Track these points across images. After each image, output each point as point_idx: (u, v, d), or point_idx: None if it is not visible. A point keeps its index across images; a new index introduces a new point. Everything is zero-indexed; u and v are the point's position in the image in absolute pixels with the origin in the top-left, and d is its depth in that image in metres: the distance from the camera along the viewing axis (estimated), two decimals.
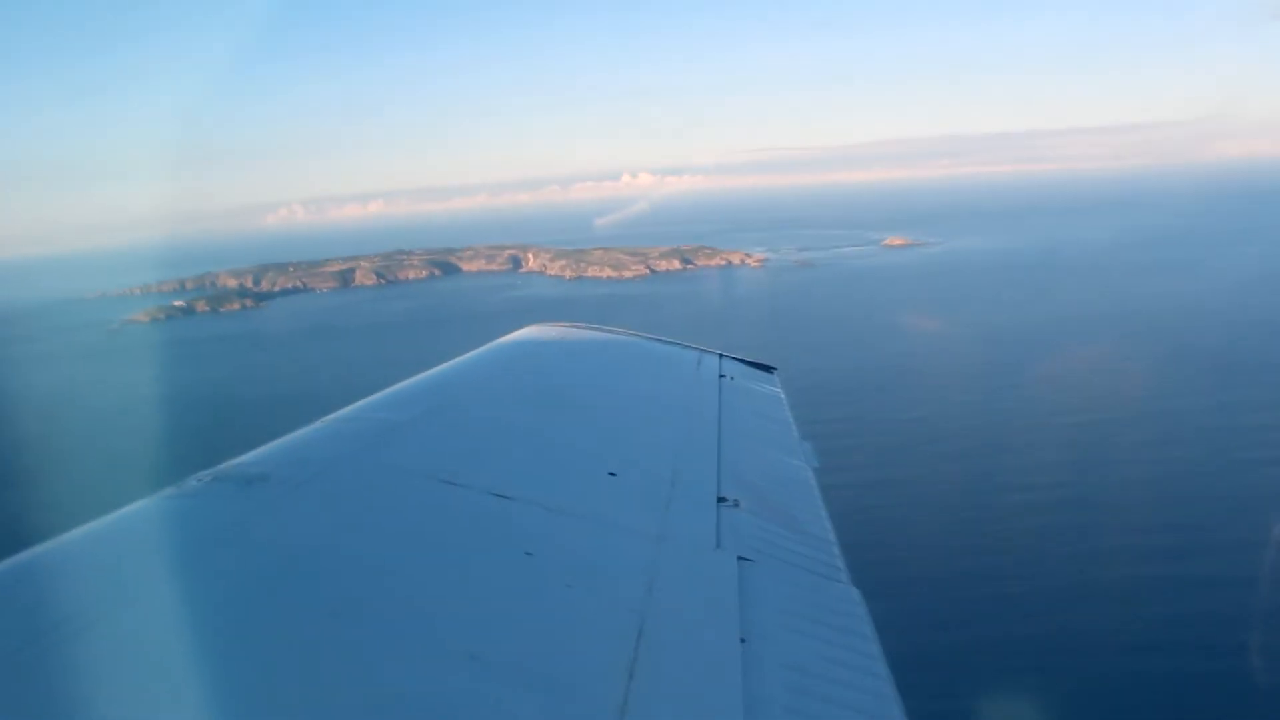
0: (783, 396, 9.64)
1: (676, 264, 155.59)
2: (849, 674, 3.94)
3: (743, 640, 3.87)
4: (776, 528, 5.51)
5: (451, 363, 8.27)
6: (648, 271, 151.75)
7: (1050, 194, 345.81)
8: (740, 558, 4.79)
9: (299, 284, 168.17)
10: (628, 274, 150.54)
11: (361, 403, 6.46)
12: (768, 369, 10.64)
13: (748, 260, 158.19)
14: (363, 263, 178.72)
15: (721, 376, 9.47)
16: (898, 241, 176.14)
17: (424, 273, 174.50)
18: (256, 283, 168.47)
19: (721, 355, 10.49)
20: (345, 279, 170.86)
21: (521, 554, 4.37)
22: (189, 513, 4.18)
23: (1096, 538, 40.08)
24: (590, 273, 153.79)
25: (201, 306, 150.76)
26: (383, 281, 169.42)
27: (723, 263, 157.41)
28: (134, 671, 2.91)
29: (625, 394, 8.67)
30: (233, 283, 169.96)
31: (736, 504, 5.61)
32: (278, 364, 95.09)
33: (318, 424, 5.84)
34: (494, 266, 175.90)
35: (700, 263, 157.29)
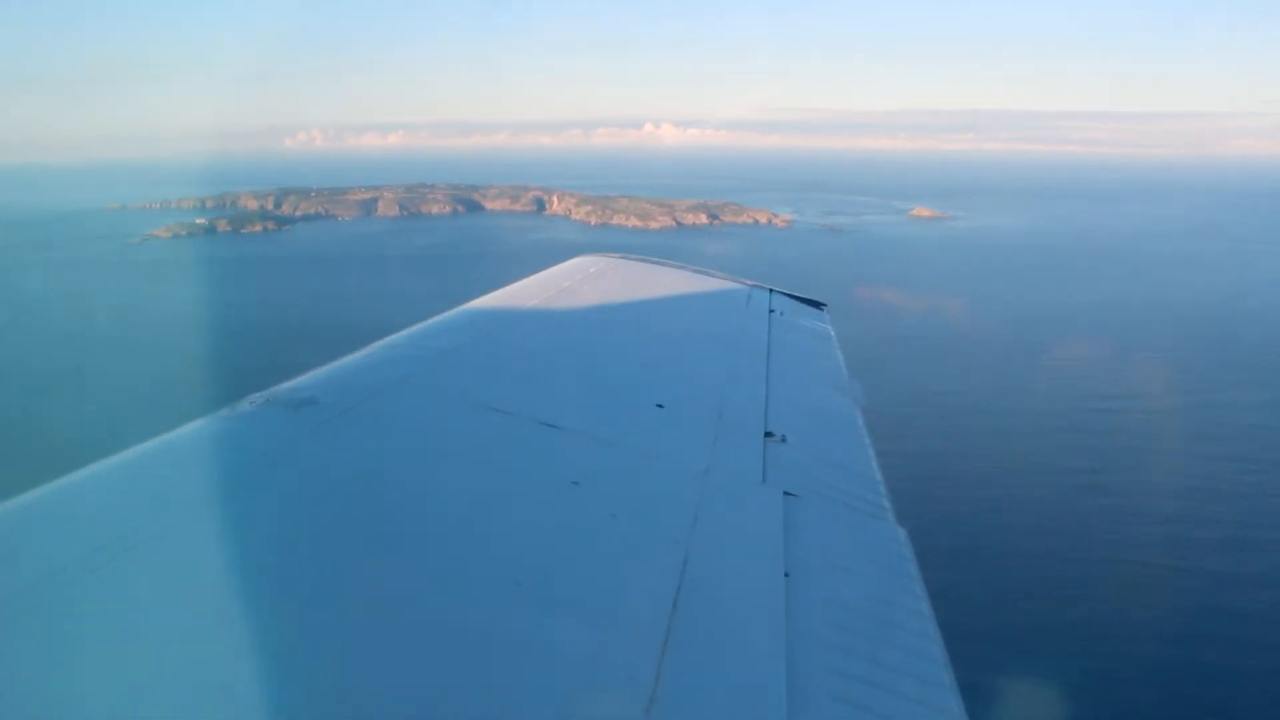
0: (832, 333, 9.57)
1: (703, 218, 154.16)
2: (892, 611, 3.95)
3: (787, 575, 3.87)
4: (822, 464, 5.53)
5: (499, 291, 8.25)
6: (674, 224, 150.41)
7: (1073, 176, 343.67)
8: (786, 493, 4.76)
9: (321, 210, 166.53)
10: (654, 225, 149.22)
11: (410, 330, 6.42)
12: (818, 305, 10.60)
13: (774, 220, 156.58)
14: (386, 193, 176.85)
15: (771, 311, 9.43)
16: (925, 213, 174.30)
17: (447, 208, 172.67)
18: (277, 206, 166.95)
19: (771, 290, 10.45)
20: (368, 209, 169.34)
21: (568, 483, 4.38)
22: (241, 435, 4.25)
23: (1137, 526, 39.66)
24: (616, 220, 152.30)
25: (223, 226, 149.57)
26: (405, 214, 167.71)
27: (749, 220, 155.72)
28: (188, 589, 2.96)
29: (674, 326, 8.62)
30: (253, 204, 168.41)
31: (783, 439, 5.58)
32: (307, 289, 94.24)
33: (366, 350, 5.83)
34: (517, 207, 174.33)
35: (726, 219, 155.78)
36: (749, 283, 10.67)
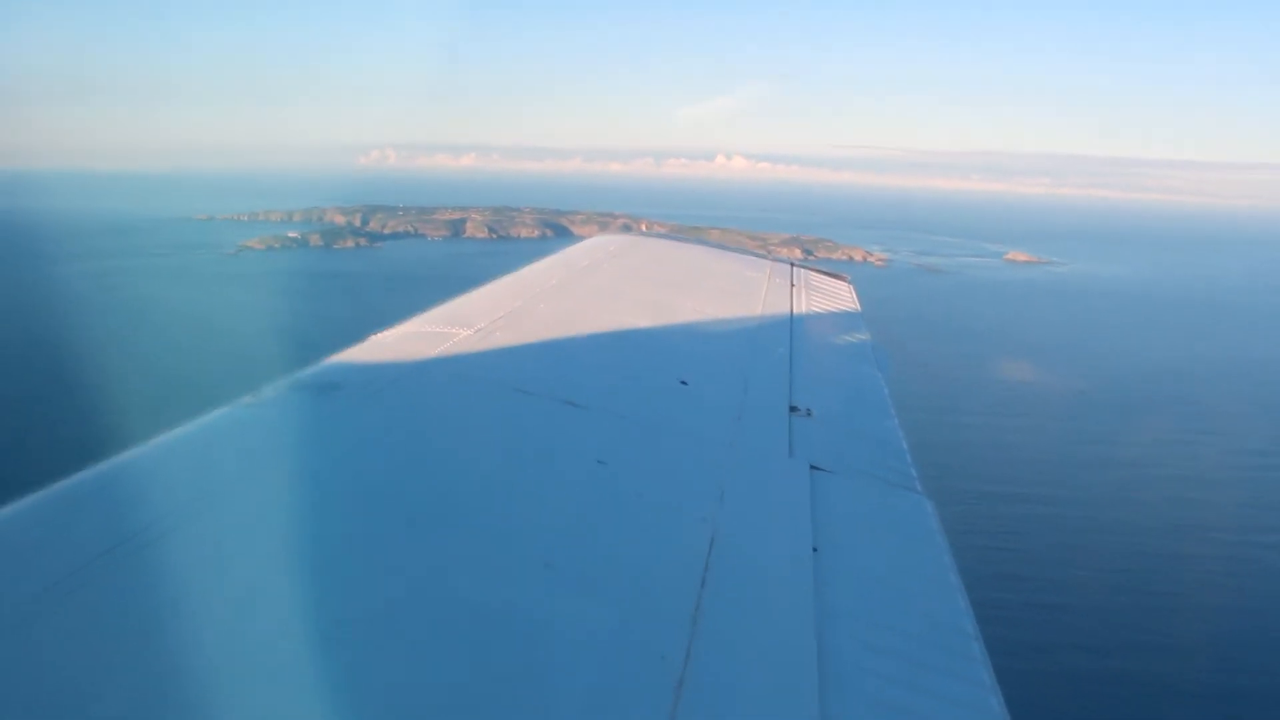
0: (858, 306, 9.41)
1: (798, 253, 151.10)
2: (921, 584, 3.91)
3: (815, 549, 3.81)
4: (849, 437, 5.45)
5: (519, 272, 8.12)
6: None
7: (1158, 224, 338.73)
8: (812, 466, 4.67)
9: (409, 229, 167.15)
10: None
11: (426, 313, 6.23)
12: (841, 278, 10.45)
13: (870, 258, 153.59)
14: (474, 214, 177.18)
15: (794, 285, 9.36)
16: (1020, 257, 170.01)
17: (535, 231, 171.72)
18: (364, 223, 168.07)
19: (793, 264, 10.44)
20: (455, 229, 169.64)
21: (594, 462, 4.29)
22: (267, 420, 4.17)
23: None
24: None
25: (315, 240, 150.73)
26: (494, 236, 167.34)
27: (844, 257, 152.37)
28: (217, 572, 2.95)
29: (696, 302, 8.45)
30: (340, 220, 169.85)
31: (809, 413, 5.47)
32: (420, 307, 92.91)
33: (388, 332, 5.64)
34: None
35: (821, 254, 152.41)
36: (770, 257, 10.66)
